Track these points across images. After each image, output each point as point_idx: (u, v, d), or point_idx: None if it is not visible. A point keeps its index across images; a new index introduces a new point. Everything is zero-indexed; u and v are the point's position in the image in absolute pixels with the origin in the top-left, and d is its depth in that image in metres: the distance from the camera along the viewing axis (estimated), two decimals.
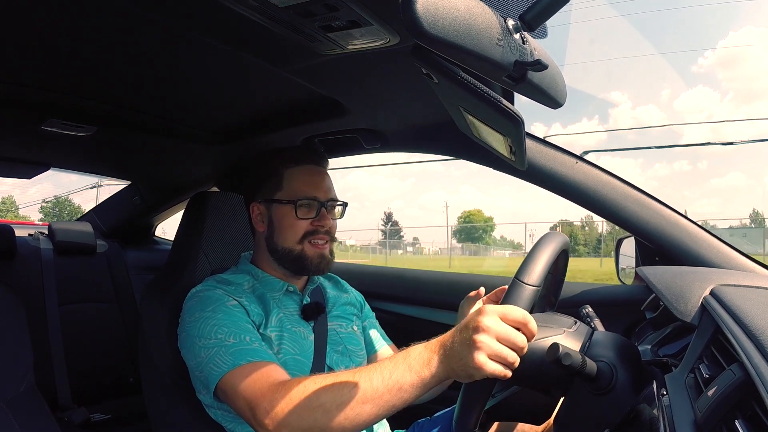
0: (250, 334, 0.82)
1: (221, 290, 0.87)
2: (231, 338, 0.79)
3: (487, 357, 0.59)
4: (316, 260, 0.94)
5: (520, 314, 0.61)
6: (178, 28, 0.74)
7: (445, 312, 1.39)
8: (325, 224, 0.94)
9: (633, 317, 1.05)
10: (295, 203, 0.92)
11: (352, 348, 0.98)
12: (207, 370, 0.79)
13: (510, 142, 0.70)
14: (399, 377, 0.64)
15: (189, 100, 1.11)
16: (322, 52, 0.78)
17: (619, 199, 1.07)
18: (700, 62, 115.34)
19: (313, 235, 0.93)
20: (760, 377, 0.40)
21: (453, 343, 0.62)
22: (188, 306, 0.88)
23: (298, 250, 0.93)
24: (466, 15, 0.41)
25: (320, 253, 0.94)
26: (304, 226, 0.93)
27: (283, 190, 0.94)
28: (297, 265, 0.94)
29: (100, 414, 1.70)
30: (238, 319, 0.83)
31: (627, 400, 0.65)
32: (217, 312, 0.83)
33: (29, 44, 0.79)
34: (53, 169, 1.61)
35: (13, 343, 0.97)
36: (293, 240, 0.93)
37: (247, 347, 0.79)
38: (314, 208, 0.94)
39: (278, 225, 0.94)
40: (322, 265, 0.95)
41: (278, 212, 0.94)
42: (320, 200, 0.94)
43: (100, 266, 1.89)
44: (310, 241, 0.93)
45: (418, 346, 0.67)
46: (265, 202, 0.96)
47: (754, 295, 0.63)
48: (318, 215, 0.94)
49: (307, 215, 0.93)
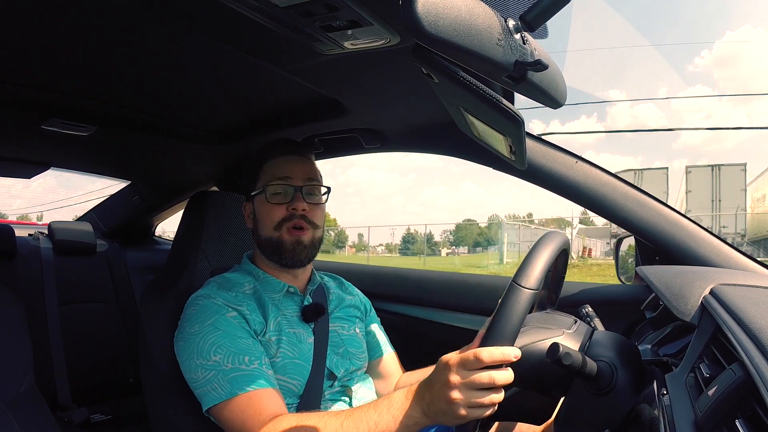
0: (248, 353, 0.81)
1: (222, 299, 0.87)
2: (228, 362, 0.79)
3: (467, 407, 0.60)
4: (290, 246, 0.93)
5: (492, 356, 0.60)
6: (178, 27, 0.74)
7: (448, 312, 1.39)
8: (298, 207, 0.93)
9: (633, 317, 1.05)
10: (265, 189, 0.94)
11: (353, 350, 0.98)
12: (202, 392, 0.80)
13: (510, 141, 0.70)
14: (384, 428, 0.66)
15: (189, 100, 1.11)
16: (323, 52, 0.78)
17: (619, 199, 1.07)
18: (697, 62, 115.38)
19: (289, 221, 0.93)
20: (760, 377, 0.40)
21: (432, 398, 0.63)
22: (188, 314, 0.87)
23: (276, 237, 0.93)
24: (467, 15, 0.41)
25: (296, 239, 0.93)
26: (279, 213, 0.93)
27: (259, 180, 0.97)
28: (276, 254, 0.94)
29: (100, 414, 1.70)
30: (237, 335, 0.82)
31: (627, 400, 0.65)
32: (217, 327, 0.82)
33: (29, 44, 0.79)
34: (53, 168, 1.61)
35: (13, 343, 0.97)
36: (270, 227, 0.94)
37: (244, 373, 0.78)
38: (289, 194, 0.94)
39: (259, 216, 0.97)
40: (299, 252, 0.93)
41: (257, 203, 0.97)
42: (294, 185, 0.94)
43: (100, 266, 1.88)
44: (287, 228, 0.93)
45: (400, 395, 0.68)
46: (250, 198, 0.99)
47: (754, 294, 0.63)
48: (293, 200, 0.94)
49: (281, 201, 0.94)
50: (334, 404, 0.90)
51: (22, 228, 1.91)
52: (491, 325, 0.63)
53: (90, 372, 1.74)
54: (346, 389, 0.94)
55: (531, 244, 0.72)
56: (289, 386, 0.86)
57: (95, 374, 1.76)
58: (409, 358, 1.12)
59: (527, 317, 0.68)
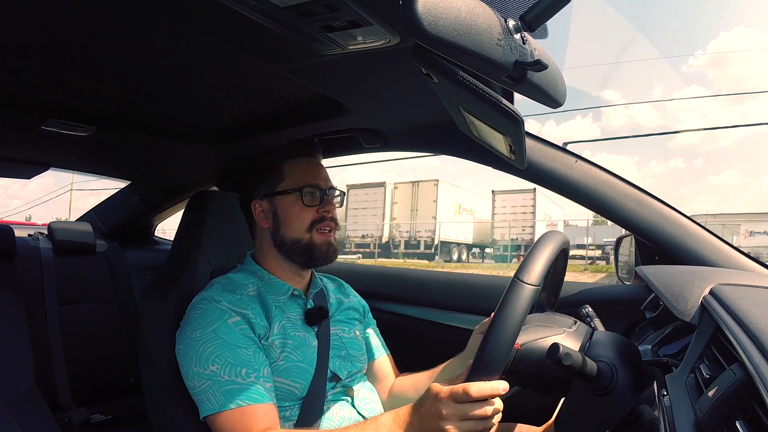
0: (246, 365, 0.80)
1: (226, 302, 0.86)
2: (225, 374, 0.79)
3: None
4: (324, 248, 0.94)
5: (480, 391, 0.61)
6: (178, 28, 0.74)
7: (446, 312, 1.39)
8: (330, 210, 0.95)
9: (633, 317, 1.05)
10: (301, 191, 0.94)
11: (355, 353, 0.98)
12: (198, 400, 0.80)
13: (510, 141, 0.70)
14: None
15: (189, 100, 1.11)
16: (323, 52, 0.78)
17: (618, 198, 1.07)
18: (690, 62, 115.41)
19: (320, 222, 0.94)
20: (760, 377, 0.40)
21: (422, 426, 0.64)
22: (191, 317, 0.86)
23: (307, 239, 0.94)
24: (467, 15, 0.41)
25: (328, 241, 0.95)
26: (311, 214, 0.94)
27: (285, 181, 0.96)
28: (306, 255, 0.94)
29: (100, 414, 1.70)
30: (237, 345, 0.82)
31: (627, 401, 0.65)
32: (218, 335, 0.82)
33: (29, 44, 0.79)
34: (53, 169, 1.61)
35: (12, 343, 0.97)
36: (301, 229, 0.94)
37: (240, 386, 0.78)
38: (318, 196, 0.95)
39: (284, 217, 0.95)
40: (330, 253, 0.96)
41: (283, 204, 0.95)
42: (322, 188, 0.96)
43: (99, 266, 1.88)
44: (318, 230, 0.94)
45: (388, 418, 0.69)
46: (267, 197, 0.96)
47: (754, 294, 0.63)
48: (322, 202, 0.95)
49: (312, 203, 0.94)
50: (336, 404, 0.90)
51: (22, 228, 1.91)
52: (494, 320, 0.63)
53: (90, 372, 1.74)
54: (347, 390, 0.94)
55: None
56: (293, 389, 0.86)
57: (95, 374, 1.76)
58: (408, 359, 1.12)
59: (527, 318, 0.68)
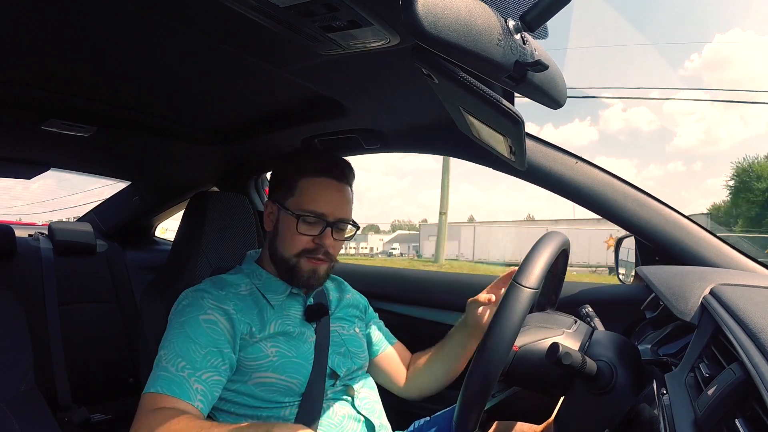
0: (188, 359, 0.77)
1: (209, 296, 0.86)
2: (165, 361, 0.77)
3: None
4: (307, 274, 0.91)
5: None
6: (178, 28, 0.74)
7: (446, 312, 1.39)
8: (325, 243, 0.90)
9: (633, 317, 1.05)
10: (299, 218, 0.89)
11: (354, 350, 0.98)
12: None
13: (510, 142, 0.70)
14: None
15: (189, 101, 1.11)
16: (323, 53, 0.78)
17: (618, 199, 1.07)
18: (687, 65, 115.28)
19: (312, 253, 0.90)
20: (760, 376, 0.40)
21: None
22: (174, 306, 0.88)
23: (293, 263, 0.91)
24: (467, 15, 0.41)
25: (313, 268, 0.91)
26: (303, 242, 0.90)
27: (293, 197, 0.91)
28: (288, 275, 0.93)
29: (100, 414, 1.70)
30: (193, 340, 0.80)
31: (627, 400, 0.65)
32: (184, 326, 0.81)
33: (29, 44, 0.79)
34: (53, 169, 1.61)
35: (12, 343, 0.97)
36: (290, 252, 0.91)
37: (170, 375, 0.76)
38: (319, 225, 0.90)
39: (281, 232, 0.93)
40: (312, 281, 0.92)
41: (284, 219, 0.93)
42: (327, 219, 0.90)
43: (100, 266, 1.89)
44: (307, 258, 0.91)
45: None
46: (277, 203, 0.95)
47: (754, 294, 0.63)
48: (321, 234, 0.90)
49: (309, 232, 0.90)
50: (336, 403, 0.91)
51: (22, 228, 1.91)
52: (492, 324, 0.63)
53: (90, 372, 1.74)
54: (347, 388, 0.94)
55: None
56: (289, 385, 0.86)
57: (95, 374, 1.77)
58: None
59: (527, 317, 0.68)
